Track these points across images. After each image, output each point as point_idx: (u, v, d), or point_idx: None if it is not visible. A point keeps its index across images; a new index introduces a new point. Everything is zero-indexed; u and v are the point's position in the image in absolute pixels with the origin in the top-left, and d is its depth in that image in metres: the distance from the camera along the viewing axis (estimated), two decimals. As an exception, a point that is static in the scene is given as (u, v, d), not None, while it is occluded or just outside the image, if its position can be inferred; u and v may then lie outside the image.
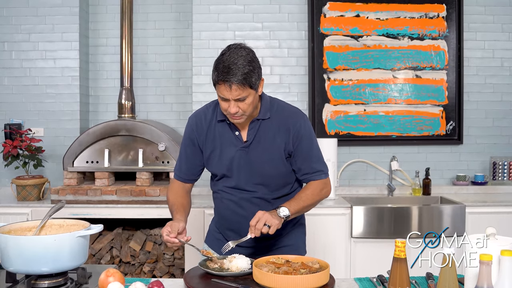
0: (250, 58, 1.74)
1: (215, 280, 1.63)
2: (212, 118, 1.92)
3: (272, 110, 1.89)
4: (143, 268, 3.43)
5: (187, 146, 1.97)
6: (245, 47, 1.77)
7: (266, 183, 1.90)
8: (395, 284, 1.36)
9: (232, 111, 1.75)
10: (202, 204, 3.29)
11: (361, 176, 3.88)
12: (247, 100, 1.75)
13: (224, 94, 1.73)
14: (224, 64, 1.70)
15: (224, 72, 1.69)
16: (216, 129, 1.91)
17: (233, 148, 1.88)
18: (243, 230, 1.89)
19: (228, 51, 1.74)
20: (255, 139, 1.87)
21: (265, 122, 1.88)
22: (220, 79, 1.70)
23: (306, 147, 1.89)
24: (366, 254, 3.23)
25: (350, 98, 3.82)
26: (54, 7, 3.74)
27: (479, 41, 3.85)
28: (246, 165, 1.88)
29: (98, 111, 3.98)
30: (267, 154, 1.87)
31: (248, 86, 1.72)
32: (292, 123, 1.88)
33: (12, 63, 3.77)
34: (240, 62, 1.70)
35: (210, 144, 1.91)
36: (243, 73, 1.69)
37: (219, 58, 1.74)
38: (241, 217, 1.91)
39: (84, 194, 3.31)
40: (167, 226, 1.76)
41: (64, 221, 1.77)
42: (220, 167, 1.91)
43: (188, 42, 3.90)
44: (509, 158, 3.89)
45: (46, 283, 1.57)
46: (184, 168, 2.00)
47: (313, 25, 3.77)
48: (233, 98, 1.72)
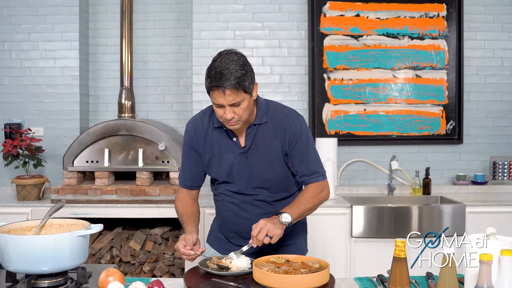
0: (242, 62, 1.73)
1: (215, 279, 1.63)
2: (209, 125, 1.92)
3: (268, 113, 1.89)
4: (143, 268, 3.44)
5: (188, 153, 1.97)
6: (236, 52, 1.76)
7: (266, 187, 1.90)
8: (395, 283, 1.36)
9: (228, 117, 1.74)
10: (202, 204, 3.25)
11: (361, 175, 3.88)
12: (242, 105, 1.74)
13: (219, 100, 1.72)
14: (216, 70, 1.69)
15: (216, 78, 1.68)
16: (213, 136, 1.90)
17: (231, 155, 1.88)
18: (245, 232, 1.89)
19: (219, 57, 1.73)
20: (253, 144, 1.87)
21: (262, 126, 1.87)
22: (213, 85, 1.69)
23: (302, 148, 1.88)
24: (366, 254, 3.23)
25: (350, 98, 3.82)
26: (54, 6, 3.74)
27: (479, 40, 3.85)
28: (246, 170, 1.88)
29: (98, 110, 3.98)
30: (266, 159, 1.87)
31: (242, 90, 1.71)
32: (288, 125, 1.87)
33: (12, 63, 3.77)
34: (232, 66, 1.69)
35: (209, 151, 1.91)
36: (235, 77, 1.68)
37: (211, 65, 1.73)
38: (244, 219, 1.91)
39: (84, 194, 3.31)
40: (181, 240, 1.76)
41: (64, 220, 1.77)
42: (220, 173, 1.92)
43: (188, 42, 3.90)
44: (509, 157, 3.89)
45: (46, 282, 1.57)
46: (188, 176, 2.00)
47: (313, 25, 3.77)
48: (227, 104, 1.71)
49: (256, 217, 1.87)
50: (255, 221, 1.85)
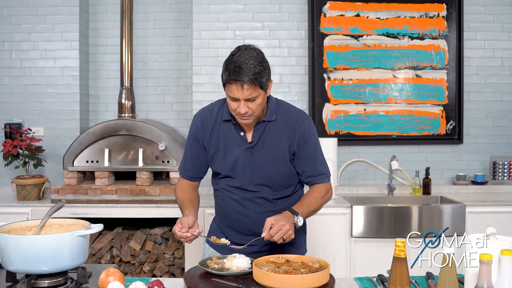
0: (260, 58, 1.75)
1: (215, 279, 1.63)
2: (217, 117, 1.92)
3: (278, 112, 1.90)
4: (143, 268, 3.44)
5: (192, 144, 1.97)
6: (254, 48, 1.78)
7: (269, 184, 1.90)
8: (395, 283, 1.35)
9: (242, 111, 1.75)
10: (202, 204, 3.24)
11: (361, 175, 3.88)
12: (257, 101, 1.75)
13: (235, 94, 1.73)
14: (235, 64, 1.71)
15: (235, 71, 1.70)
16: (221, 129, 1.91)
17: (237, 149, 1.88)
18: (243, 228, 1.90)
19: (238, 52, 1.74)
20: (260, 140, 1.88)
21: (271, 124, 1.89)
22: (232, 79, 1.70)
23: (311, 150, 1.91)
24: (366, 254, 3.23)
25: (350, 98, 3.81)
26: (54, 6, 3.74)
27: (479, 40, 3.85)
28: (250, 166, 1.88)
29: (98, 110, 3.98)
30: (272, 156, 1.87)
31: (258, 86, 1.72)
32: (298, 125, 1.89)
33: (12, 63, 3.77)
34: (251, 62, 1.71)
35: (215, 144, 1.91)
36: (254, 72, 1.70)
37: (229, 58, 1.75)
38: (243, 216, 1.92)
39: (84, 194, 3.31)
40: (178, 223, 1.76)
41: (64, 220, 1.77)
42: (223, 167, 1.91)
43: (188, 42, 3.90)
44: (509, 157, 3.89)
45: (46, 282, 1.57)
46: (189, 167, 2.00)
47: (313, 25, 3.77)
48: (243, 98, 1.73)
49: (255, 215, 1.88)
50: (254, 218, 1.86)
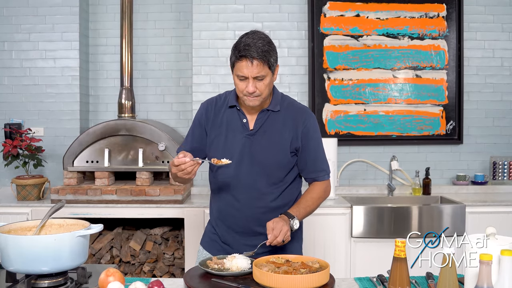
0: (268, 40, 1.83)
1: (215, 280, 1.63)
2: (222, 104, 1.98)
3: (282, 104, 1.96)
4: (143, 268, 3.44)
5: (195, 128, 2.01)
6: (262, 32, 1.86)
7: (265, 174, 1.90)
8: (395, 283, 1.35)
9: (251, 90, 1.80)
10: (202, 204, 3.29)
11: (361, 175, 3.88)
12: (265, 81, 1.81)
13: (244, 72, 1.78)
14: (244, 43, 1.78)
15: (245, 49, 1.77)
16: (224, 115, 1.95)
17: (238, 135, 1.92)
18: (236, 224, 1.93)
19: (246, 35, 1.82)
20: (261, 128, 1.91)
21: (274, 114, 1.93)
22: (242, 55, 1.77)
23: (314, 146, 1.95)
24: (366, 254, 3.23)
25: (350, 98, 3.82)
26: (54, 6, 3.74)
27: (479, 40, 3.85)
28: (248, 154, 1.90)
29: (98, 110, 3.98)
30: (271, 145, 1.90)
31: (267, 65, 1.79)
32: (302, 120, 1.93)
33: (12, 63, 3.77)
34: (260, 42, 1.78)
35: (216, 130, 1.95)
36: (263, 50, 1.77)
37: (238, 40, 1.82)
38: (236, 210, 1.93)
39: (84, 194, 3.31)
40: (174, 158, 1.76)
41: (64, 220, 1.77)
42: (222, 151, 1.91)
43: (188, 42, 3.90)
44: (509, 158, 3.89)
45: (46, 282, 1.56)
46: (188, 148, 1.99)
47: (313, 25, 3.77)
48: (252, 76, 1.78)
49: (248, 210, 1.90)
50: (246, 213, 1.89)
